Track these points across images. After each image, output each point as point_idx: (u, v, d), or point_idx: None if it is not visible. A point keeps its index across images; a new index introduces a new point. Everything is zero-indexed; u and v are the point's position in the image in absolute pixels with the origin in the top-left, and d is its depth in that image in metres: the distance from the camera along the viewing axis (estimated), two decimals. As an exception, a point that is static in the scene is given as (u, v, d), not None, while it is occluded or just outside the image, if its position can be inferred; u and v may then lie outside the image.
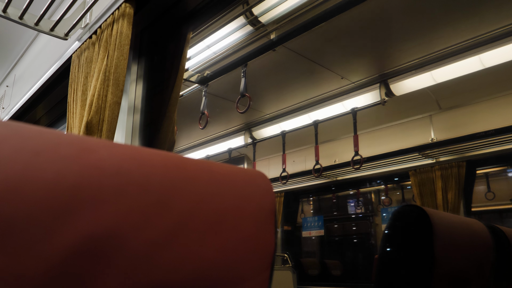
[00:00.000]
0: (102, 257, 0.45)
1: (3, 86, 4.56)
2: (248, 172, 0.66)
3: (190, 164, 0.58)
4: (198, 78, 3.47)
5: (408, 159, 5.30)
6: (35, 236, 0.41)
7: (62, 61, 2.68)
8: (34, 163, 0.43)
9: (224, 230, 0.57)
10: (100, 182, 0.46)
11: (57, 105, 3.32)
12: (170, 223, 0.51)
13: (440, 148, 4.94)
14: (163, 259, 0.50)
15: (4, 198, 0.39)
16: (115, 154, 0.50)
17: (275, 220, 0.65)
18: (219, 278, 0.56)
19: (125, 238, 0.47)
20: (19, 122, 0.46)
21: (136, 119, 2.14)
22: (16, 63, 4.29)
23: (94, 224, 0.45)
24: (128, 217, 0.47)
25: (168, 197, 0.52)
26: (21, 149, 0.43)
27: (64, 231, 0.43)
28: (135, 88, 2.19)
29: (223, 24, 2.79)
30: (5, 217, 0.39)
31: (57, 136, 0.47)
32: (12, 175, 0.41)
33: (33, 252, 0.41)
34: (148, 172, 0.51)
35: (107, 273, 0.45)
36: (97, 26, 2.22)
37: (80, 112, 2.04)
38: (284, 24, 2.84)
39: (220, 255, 0.56)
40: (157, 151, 0.56)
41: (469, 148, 4.79)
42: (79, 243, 0.44)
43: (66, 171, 0.44)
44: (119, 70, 1.87)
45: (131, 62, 2.20)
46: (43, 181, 0.42)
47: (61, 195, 0.43)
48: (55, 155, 0.45)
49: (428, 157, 5.19)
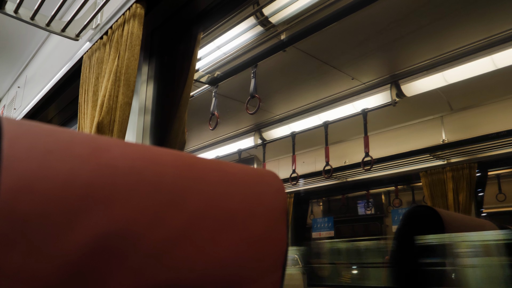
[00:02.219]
0: (114, 255, 0.45)
1: (15, 87, 4.59)
2: (259, 172, 0.66)
3: (202, 164, 0.58)
4: (208, 79, 3.47)
5: (419, 160, 5.26)
6: (49, 235, 0.41)
7: (73, 62, 2.70)
8: (47, 162, 0.43)
9: (236, 229, 0.57)
10: (112, 181, 0.46)
11: (68, 106, 3.33)
12: (182, 222, 0.51)
13: (452, 149, 4.90)
14: (175, 258, 0.50)
15: (18, 196, 0.40)
16: (127, 153, 0.50)
17: (287, 220, 0.65)
18: (231, 277, 0.56)
19: (138, 236, 0.47)
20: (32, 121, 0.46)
21: (147, 119, 2.14)
22: (27, 64, 4.31)
23: (107, 222, 0.45)
24: (140, 216, 0.47)
25: (180, 196, 0.52)
26: (34, 148, 0.43)
27: (77, 229, 0.43)
28: (146, 88, 2.19)
29: (233, 24, 2.78)
30: (20, 215, 0.39)
31: (70, 134, 0.47)
32: (26, 173, 0.41)
33: (47, 250, 0.41)
34: (160, 171, 0.51)
35: (119, 271, 0.45)
36: (108, 27, 2.23)
37: (91, 112, 2.05)
38: (295, 24, 2.83)
39: (231, 255, 0.56)
40: (169, 150, 0.56)
41: (480, 149, 4.75)
42: (92, 242, 0.44)
43: (79, 169, 0.44)
44: (130, 70, 1.88)
45: (141, 62, 2.20)
46: (56, 179, 0.42)
47: (74, 194, 0.43)
48: (68, 154, 0.45)
49: (439, 158, 5.15)
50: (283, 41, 2.92)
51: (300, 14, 2.73)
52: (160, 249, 0.49)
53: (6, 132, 0.42)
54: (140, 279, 0.47)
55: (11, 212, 0.39)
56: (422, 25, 3.43)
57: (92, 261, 0.44)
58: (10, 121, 0.43)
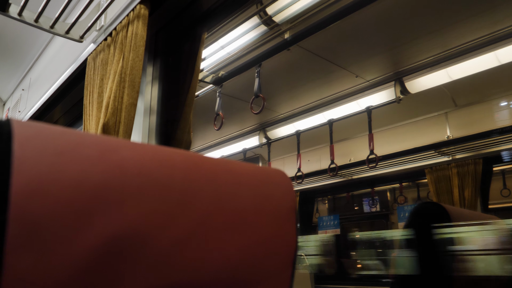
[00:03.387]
0: (125, 256, 0.45)
1: (19, 90, 4.60)
2: (267, 171, 0.66)
3: (210, 163, 0.58)
4: (212, 79, 3.48)
5: (424, 157, 5.26)
6: (60, 236, 0.41)
7: (77, 64, 2.70)
8: (57, 164, 0.43)
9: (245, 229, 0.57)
10: (123, 182, 0.46)
11: (73, 108, 3.34)
12: (191, 222, 0.51)
13: (456, 145, 4.89)
14: (185, 258, 0.50)
15: (30, 199, 0.40)
16: (137, 154, 0.50)
17: (296, 218, 0.65)
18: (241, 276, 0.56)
19: (149, 237, 0.47)
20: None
21: (152, 120, 2.15)
22: (31, 67, 4.32)
23: (117, 224, 0.45)
24: (150, 217, 0.47)
25: (190, 196, 0.52)
26: (44, 150, 0.43)
27: (88, 231, 0.43)
28: (151, 89, 2.20)
29: (237, 24, 2.79)
30: (31, 217, 0.40)
31: (79, 136, 0.47)
32: (37, 176, 0.41)
33: (59, 252, 0.41)
34: (170, 172, 0.52)
35: (131, 272, 0.46)
36: (112, 28, 2.23)
37: (96, 114, 2.06)
38: (298, 23, 2.83)
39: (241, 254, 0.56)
40: (177, 150, 0.56)
41: (485, 145, 4.74)
42: (103, 243, 0.44)
43: (89, 171, 0.45)
44: (134, 71, 1.88)
45: (146, 63, 2.20)
46: (67, 181, 0.43)
47: (84, 196, 0.43)
48: (78, 155, 0.45)
49: (444, 155, 5.14)
50: (287, 40, 2.92)
51: (304, 13, 2.73)
52: (171, 250, 0.49)
53: (17, 134, 0.42)
54: (151, 281, 0.47)
55: (22, 215, 0.39)
56: (426, 21, 3.42)
57: (103, 263, 0.44)
58: (20, 123, 0.43)
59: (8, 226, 0.39)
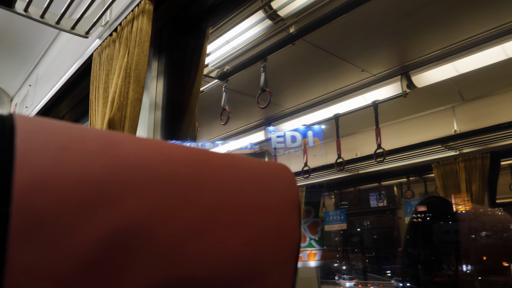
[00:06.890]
0: (129, 250, 0.46)
1: (26, 86, 4.62)
2: (271, 165, 0.66)
3: (214, 158, 0.58)
4: (218, 74, 3.47)
5: (431, 151, 5.24)
6: (64, 230, 0.41)
7: (83, 60, 2.71)
8: (61, 158, 0.43)
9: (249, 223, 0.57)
10: (126, 176, 0.47)
11: (79, 103, 3.35)
12: (195, 216, 0.51)
13: (464, 139, 4.87)
14: (188, 252, 0.50)
15: (33, 193, 0.40)
16: (140, 149, 0.50)
17: (300, 213, 0.65)
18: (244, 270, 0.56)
19: (151, 231, 0.47)
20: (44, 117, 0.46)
21: (158, 115, 2.15)
22: (38, 63, 4.33)
23: (120, 218, 0.45)
24: (154, 211, 0.48)
25: (193, 190, 0.52)
26: (48, 144, 0.43)
27: (91, 225, 0.43)
28: (156, 84, 2.20)
29: (242, 19, 2.78)
30: (34, 211, 0.40)
31: (83, 131, 0.47)
32: (40, 170, 0.41)
33: (62, 245, 0.41)
34: (173, 166, 0.52)
35: (134, 266, 0.46)
36: (117, 24, 2.23)
37: (102, 109, 2.06)
38: (303, 17, 2.82)
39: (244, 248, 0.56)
40: (181, 145, 0.56)
41: (493, 139, 4.72)
42: (106, 237, 0.44)
43: (93, 165, 0.45)
44: (139, 67, 1.88)
45: (151, 58, 2.21)
46: (70, 175, 0.43)
47: (88, 190, 0.43)
48: (82, 150, 0.45)
49: (451, 149, 5.13)
50: (292, 34, 2.92)
51: (309, 7, 2.72)
52: (174, 244, 0.49)
53: (20, 129, 0.42)
54: (154, 274, 0.47)
55: (25, 209, 0.40)
56: (432, 15, 3.41)
57: (105, 257, 0.44)
58: (23, 118, 0.43)
59: (11, 220, 0.39)
